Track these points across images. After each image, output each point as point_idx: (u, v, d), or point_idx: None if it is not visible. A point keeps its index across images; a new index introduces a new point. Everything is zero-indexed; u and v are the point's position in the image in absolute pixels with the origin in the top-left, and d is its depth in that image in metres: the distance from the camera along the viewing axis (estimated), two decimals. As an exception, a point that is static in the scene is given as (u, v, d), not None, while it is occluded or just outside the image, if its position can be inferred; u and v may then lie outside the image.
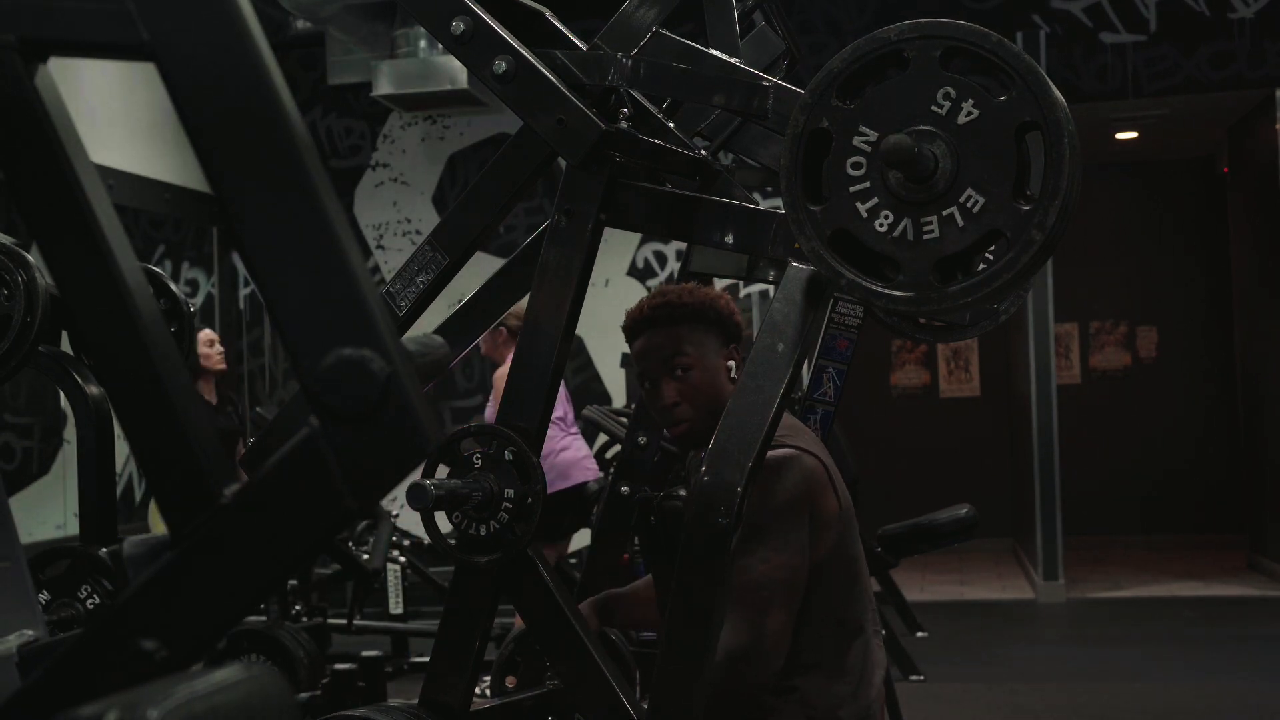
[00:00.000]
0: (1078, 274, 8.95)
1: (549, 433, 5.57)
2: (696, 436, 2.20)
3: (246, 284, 8.25)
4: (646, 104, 2.19)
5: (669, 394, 2.18)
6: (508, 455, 1.87)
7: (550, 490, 1.96)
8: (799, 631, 2.09)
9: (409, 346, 2.29)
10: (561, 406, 5.52)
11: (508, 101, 1.92)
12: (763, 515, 2.03)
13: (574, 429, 5.67)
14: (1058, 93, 1.52)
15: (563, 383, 5.87)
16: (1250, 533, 8.64)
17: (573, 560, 6.55)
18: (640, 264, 7.97)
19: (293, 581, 5.76)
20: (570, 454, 5.56)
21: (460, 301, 2.41)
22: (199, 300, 7.90)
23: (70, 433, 6.43)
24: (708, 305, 2.21)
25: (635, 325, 2.23)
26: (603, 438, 6.05)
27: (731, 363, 2.21)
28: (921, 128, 1.54)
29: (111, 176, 6.83)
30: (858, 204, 1.58)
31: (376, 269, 8.13)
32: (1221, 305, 9.29)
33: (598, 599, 2.44)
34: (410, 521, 6.50)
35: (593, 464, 5.64)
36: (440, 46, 2.54)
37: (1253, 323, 8.50)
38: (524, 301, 2.03)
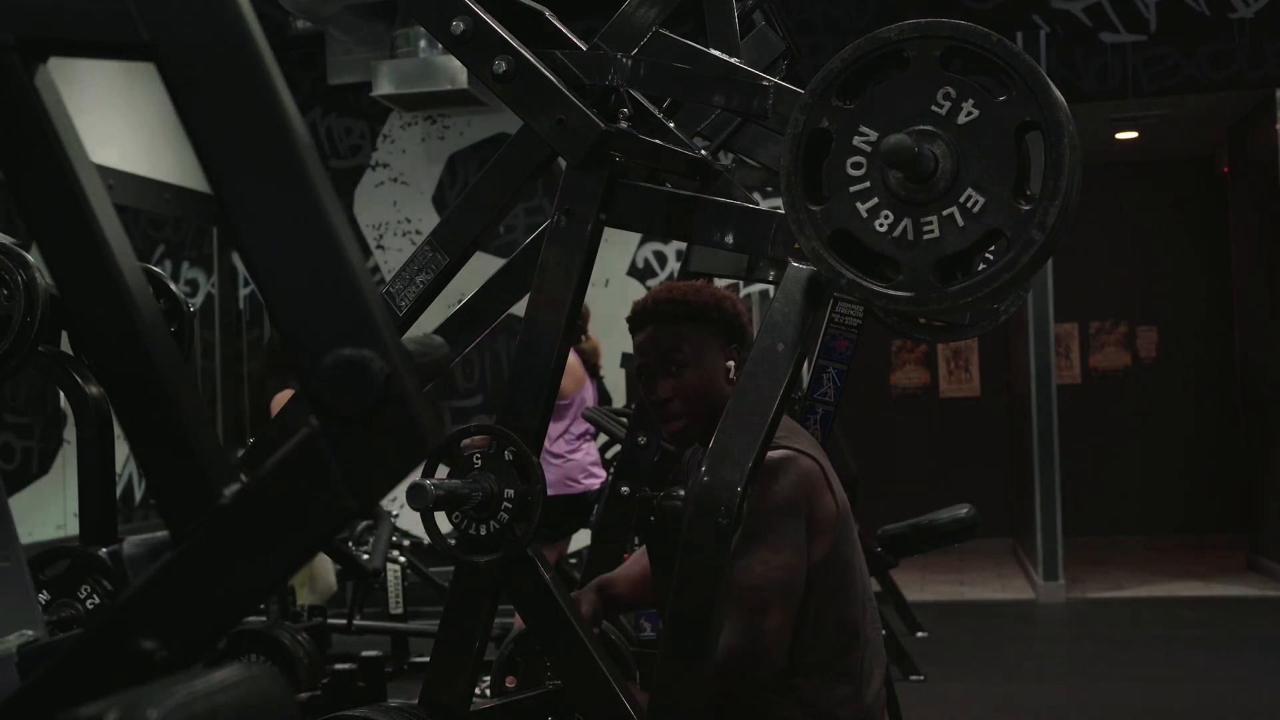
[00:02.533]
0: (1078, 274, 8.94)
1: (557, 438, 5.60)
2: (690, 434, 2.22)
3: (246, 284, 8.25)
4: (646, 104, 2.19)
5: (664, 390, 2.21)
6: (508, 455, 1.87)
7: (552, 494, 1.97)
8: (798, 633, 2.09)
9: (409, 346, 2.29)
10: (572, 416, 5.55)
11: (508, 101, 1.92)
12: (759, 516, 2.03)
13: (587, 436, 5.70)
14: (1058, 93, 1.52)
15: (589, 386, 5.89)
16: (1250, 533, 8.64)
17: (573, 560, 6.55)
18: (640, 264, 7.97)
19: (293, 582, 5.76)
20: (578, 459, 5.58)
21: (460, 301, 2.41)
22: (199, 300, 7.89)
23: (70, 433, 6.43)
24: (712, 305, 2.22)
25: (638, 318, 2.25)
26: (603, 438, 6.04)
27: (731, 363, 2.22)
28: (922, 128, 1.54)
29: (111, 176, 6.82)
30: (858, 204, 1.58)
31: (376, 269, 8.13)
32: (1221, 305, 9.28)
33: (592, 585, 2.43)
34: (410, 521, 6.50)
35: (599, 471, 5.65)
36: (440, 46, 2.55)
37: (1253, 323, 8.50)
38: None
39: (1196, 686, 5.52)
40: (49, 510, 6.40)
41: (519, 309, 2.10)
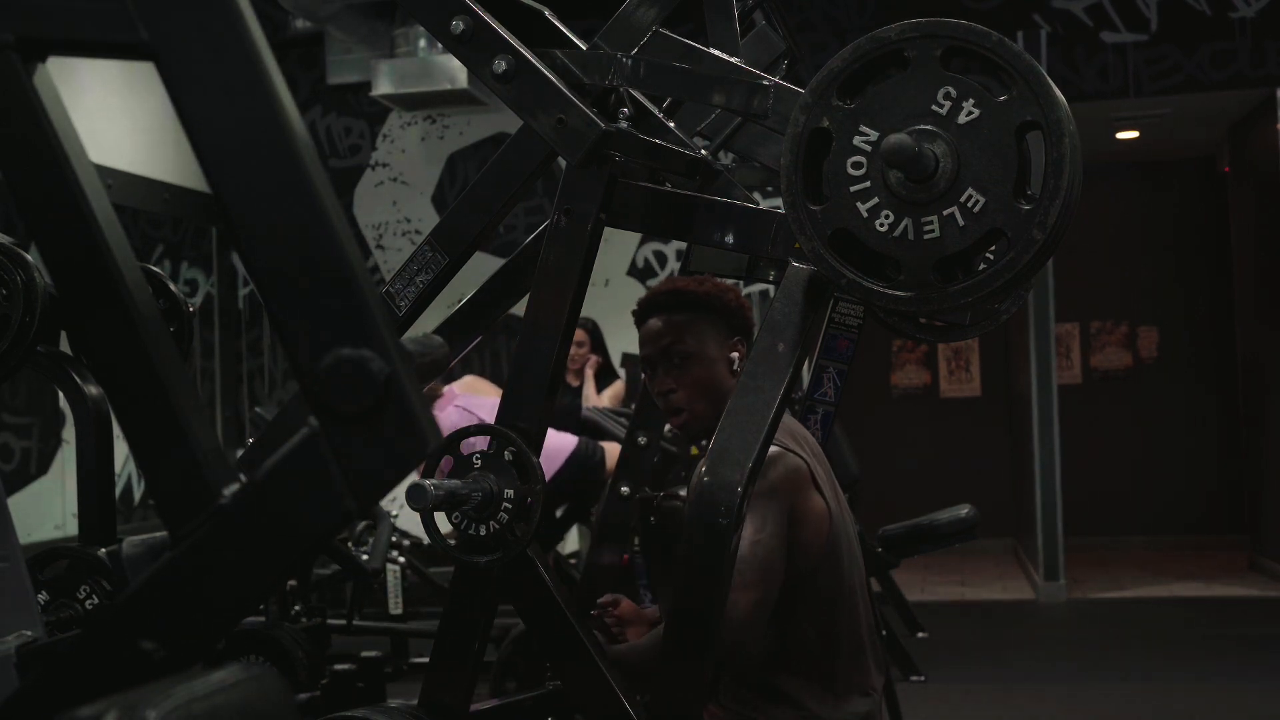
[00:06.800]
0: (1078, 274, 8.94)
1: None
2: (695, 426, 2.22)
3: (246, 284, 8.24)
4: (646, 104, 2.19)
5: (666, 382, 2.22)
6: (507, 455, 1.87)
7: None
8: (791, 636, 2.09)
9: (409, 346, 2.29)
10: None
11: (508, 101, 1.92)
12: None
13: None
14: (1058, 92, 1.52)
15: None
16: (1251, 533, 8.63)
17: (572, 560, 6.55)
18: (640, 264, 7.97)
19: (292, 582, 5.75)
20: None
21: (460, 301, 2.41)
22: (198, 300, 7.89)
23: (70, 433, 6.42)
24: (715, 297, 2.23)
25: (642, 310, 2.26)
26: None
27: (735, 355, 2.22)
28: (922, 127, 1.54)
29: (111, 176, 6.82)
30: (858, 204, 1.58)
31: (376, 269, 8.13)
32: (1222, 305, 9.28)
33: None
34: (410, 521, 6.49)
35: (566, 442, 5.57)
36: (440, 46, 2.55)
37: (1253, 323, 8.50)
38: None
39: (1197, 687, 5.52)
40: (48, 510, 6.40)
41: (519, 309, 2.10)
